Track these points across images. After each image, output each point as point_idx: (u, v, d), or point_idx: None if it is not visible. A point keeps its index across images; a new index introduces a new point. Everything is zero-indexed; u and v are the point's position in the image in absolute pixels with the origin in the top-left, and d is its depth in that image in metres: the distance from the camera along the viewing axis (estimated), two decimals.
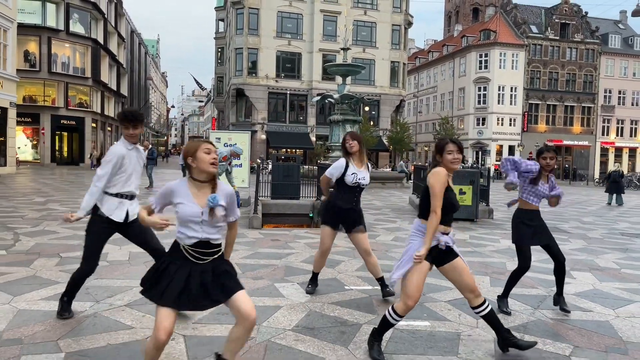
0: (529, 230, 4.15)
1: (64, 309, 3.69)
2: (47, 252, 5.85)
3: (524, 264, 4.14)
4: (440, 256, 3.17)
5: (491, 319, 3.25)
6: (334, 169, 4.33)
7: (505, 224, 10.36)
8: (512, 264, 6.20)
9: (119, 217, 3.65)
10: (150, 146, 17.59)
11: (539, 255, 6.85)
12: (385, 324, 3.21)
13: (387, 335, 3.56)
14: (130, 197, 3.72)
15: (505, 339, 3.25)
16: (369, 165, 4.54)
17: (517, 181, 4.15)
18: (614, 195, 17.44)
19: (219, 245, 2.55)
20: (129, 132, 3.65)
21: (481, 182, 11.08)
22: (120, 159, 3.59)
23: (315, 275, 4.69)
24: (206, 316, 3.82)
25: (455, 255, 3.21)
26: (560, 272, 4.24)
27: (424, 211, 3.14)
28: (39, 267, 5.13)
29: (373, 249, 6.83)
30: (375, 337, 3.23)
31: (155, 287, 2.45)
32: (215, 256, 2.52)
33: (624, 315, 4.27)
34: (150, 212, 2.56)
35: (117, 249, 6.20)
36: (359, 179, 4.30)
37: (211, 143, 2.53)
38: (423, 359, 3.19)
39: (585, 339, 3.65)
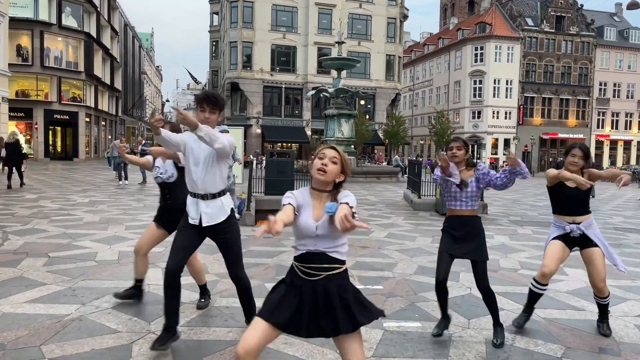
0: (448, 239, 3.54)
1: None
2: (35, 252, 5.76)
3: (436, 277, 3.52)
4: (576, 242, 3.69)
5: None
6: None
7: (499, 219, 10.34)
8: (505, 261, 6.20)
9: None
10: (143, 142, 17.44)
11: (532, 252, 6.85)
12: (531, 295, 3.79)
13: (377, 337, 3.52)
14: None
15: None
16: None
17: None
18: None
19: (337, 261, 2.20)
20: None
21: None
22: None
23: (137, 285, 4.09)
24: (195, 318, 3.76)
25: (594, 245, 3.63)
26: (486, 300, 3.52)
27: (553, 207, 3.82)
28: (26, 268, 5.05)
29: (366, 246, 6.82)
30: (525, 310, 3.84)
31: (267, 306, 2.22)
32: (329, 273, 2.18)
33: (617, 314, 4.24)
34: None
35: (106, 247, 6.13)
36: (159, 174, 3.79)
37: (334, 148, 2.26)
38: None
39: (577, 340, 3.61)
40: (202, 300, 4.04)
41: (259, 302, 4.33)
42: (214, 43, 52.61)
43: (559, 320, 4.04)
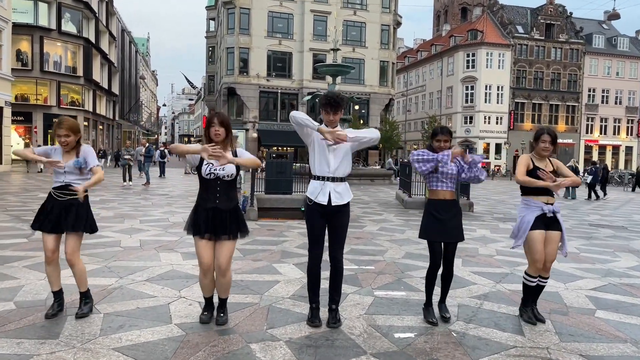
0: (436, 224, 3.82)
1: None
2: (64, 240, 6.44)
3: (432, 261, 3.86)
4: (549, 222, 3.89)
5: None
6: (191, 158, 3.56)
7: (484, 216, 11.10)
8: (484, 250, 6.95)
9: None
10: (147, 144, 18.12)
11: (510, 242, 7.61)
12: (526, 289, 4.00)
13: (369, 302, 4.25)
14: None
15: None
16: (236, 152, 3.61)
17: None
18: (570, 189, 18.34)
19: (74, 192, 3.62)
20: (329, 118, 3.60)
21: None
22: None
23: (208, 300, 3.72)
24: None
25: (557, 229, 3.90)
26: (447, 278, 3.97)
27: (523, 189, 4.06)
28: (61, 252, 5.73)
29: (360, 237, 7.54)
30: (523, 304, 4.03)
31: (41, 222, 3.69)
32: (70, 197, 3.60)
33: (572, 288, 5.00)
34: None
35: (127, 237, 6.83)
36: (213, 170, 3.45)
37: (67, 124, 3.61)
38: (397, 318, 3.88)
39: None
40: (222, 315, 3.69)
41: (269, 277, 5.04)
42: (210, 48, 53.32)
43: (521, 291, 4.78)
